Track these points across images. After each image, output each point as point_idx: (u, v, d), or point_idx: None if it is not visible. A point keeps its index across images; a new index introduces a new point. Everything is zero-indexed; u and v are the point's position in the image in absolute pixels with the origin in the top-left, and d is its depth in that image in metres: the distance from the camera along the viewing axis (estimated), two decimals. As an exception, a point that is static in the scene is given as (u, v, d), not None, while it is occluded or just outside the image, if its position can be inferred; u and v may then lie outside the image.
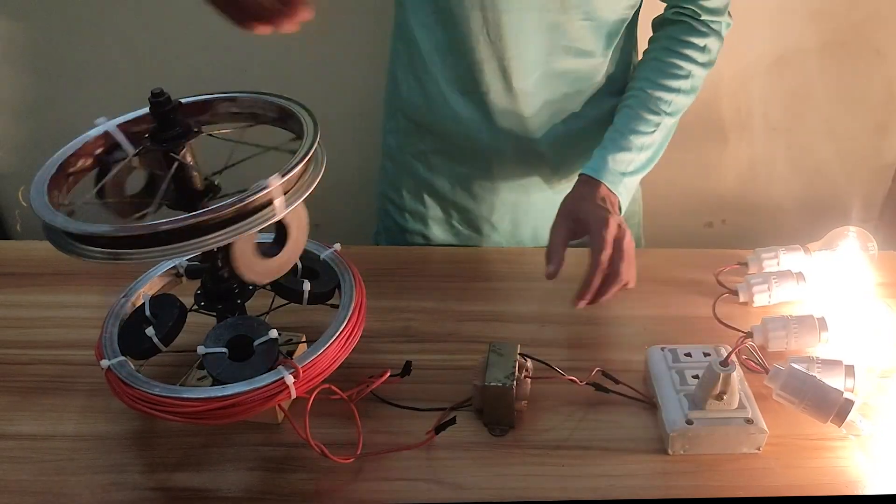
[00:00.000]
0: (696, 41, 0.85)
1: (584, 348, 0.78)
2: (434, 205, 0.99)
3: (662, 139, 0.86)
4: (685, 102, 0.87)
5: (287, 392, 0.58)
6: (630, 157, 0.83)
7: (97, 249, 0.52)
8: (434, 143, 0.95)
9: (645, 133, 0.84)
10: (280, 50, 1.36)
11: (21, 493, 0.61)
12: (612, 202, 0.80)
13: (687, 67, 0.85)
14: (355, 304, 0.66)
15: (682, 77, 0.85)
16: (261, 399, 0.57)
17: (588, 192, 0.80)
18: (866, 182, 1.56)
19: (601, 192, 0.80)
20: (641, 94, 0.85)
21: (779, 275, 0.83)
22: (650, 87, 0.85)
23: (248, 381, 0.57)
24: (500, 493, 0.61)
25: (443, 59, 0.87)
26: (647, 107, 0.84)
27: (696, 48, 0.85)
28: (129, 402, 0.59)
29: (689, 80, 0.85)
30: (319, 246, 0.74)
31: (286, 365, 0.58)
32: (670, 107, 0.85)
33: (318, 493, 0.61)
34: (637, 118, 0.84)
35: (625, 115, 0.85)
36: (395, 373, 0.67)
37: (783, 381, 0.66)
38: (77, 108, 1.42)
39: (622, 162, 0.82)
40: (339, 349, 0.62)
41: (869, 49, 1.38)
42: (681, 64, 0.85)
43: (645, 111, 0.84)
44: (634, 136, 0.83)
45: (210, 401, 0.57)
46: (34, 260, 0.91)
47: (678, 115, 0.87)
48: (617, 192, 0.81)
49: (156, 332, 0.62)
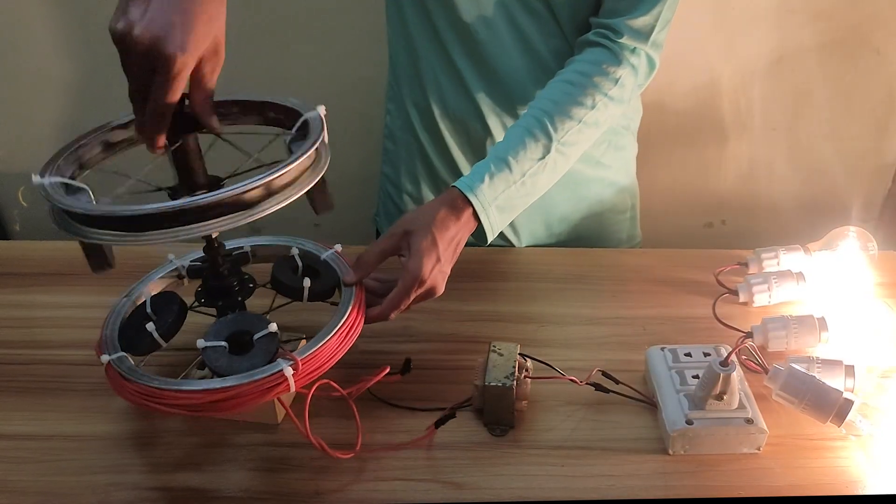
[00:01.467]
0: (610, 69, 0.78)
1: (584, 348, 0.78)
2: (431, 188, 1.00)
3: (549, 176, 0.78)
4: (584, 137, 0.78)
5: (286, 384, 0.57)
6: (510, 179, 0.74)
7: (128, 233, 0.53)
8: (431, 129, 0.95)
9: (532, 159, 0.75)
10: (280, 49, 1.36)
11: (21, 493, 0.61)
12: (462, 237, 0.73)
13: (595, 97, 0.77)
14: (355, 301, 0.66)
15: (587, 107, 0.77)
16: (260, 391, 0.57)
17: (444, 218, 0.71)
18: (866, 182, 1.56)
19: (461, 219, 0.72)
20: (539, 114, 0.77)
21: (779, 275, 0.83)
22: (551, 108, 0.77)
23: (247, 374, 0.57)
24: (500, 493, 0.61)
25: (435, 48, 0.87)
26: (542, 131, 0.76)
27: (608, 77, 0.78)
28: (129, 396, 0.59)
29: (594, 113, 0.77)
30: (319, 247, 0.74)
31: (285, 357, 0.58)
32: (566, 136, 0.76)
33: (318, 493, 0.61)
34: (528, 140, 0.75)
35: (515, 134, 0.77)
36: (395, 370, 0.67)
37: (783, 381, 0.66)
38: (77, 108, 1.42)
39: (499, 185, 0.74)
40: (339, 343, 0.62)
41: (869, 49, 1.39)
42: (589, 91, 0.77)
43: (538, 134, 0.76)
44: (519, 160, 0.75)
45: (209, 392, 0.57)
46: (34, 260, 0.91)
47: (572, 148, 0.78)
48: (482, 219, 0.73)
49: (156, 327, 0.62)
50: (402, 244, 0.70)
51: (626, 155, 1.01)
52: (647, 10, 0.78)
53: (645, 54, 0.80)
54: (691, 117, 1.45)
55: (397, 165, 1.02)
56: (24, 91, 1.43)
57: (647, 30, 0.79)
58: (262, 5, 1.31)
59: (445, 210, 0.72)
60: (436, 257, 0.69)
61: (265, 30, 1.34)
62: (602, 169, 0.97)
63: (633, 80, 0.80)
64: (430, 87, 0.91)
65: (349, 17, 1.33)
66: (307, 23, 1.33)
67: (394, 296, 0.69)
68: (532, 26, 0.83)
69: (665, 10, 0.78)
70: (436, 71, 0.89)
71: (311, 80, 1.35)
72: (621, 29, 0.78)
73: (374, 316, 0.69)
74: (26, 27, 1.34)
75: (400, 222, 0.72)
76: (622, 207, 1.03)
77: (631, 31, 0.78)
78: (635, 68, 0.80)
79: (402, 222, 0.72)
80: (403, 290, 0.68)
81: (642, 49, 0.79)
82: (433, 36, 0.87)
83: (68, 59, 1.36)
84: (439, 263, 0.70)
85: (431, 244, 0.69)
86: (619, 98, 0.79)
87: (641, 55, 0.80)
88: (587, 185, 0.97)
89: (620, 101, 0.80)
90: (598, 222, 1.01)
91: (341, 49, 1.36)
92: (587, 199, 0.98)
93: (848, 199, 1.57)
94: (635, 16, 0.78)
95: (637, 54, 0.79)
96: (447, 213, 0.72)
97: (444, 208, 0.72)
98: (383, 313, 0.69)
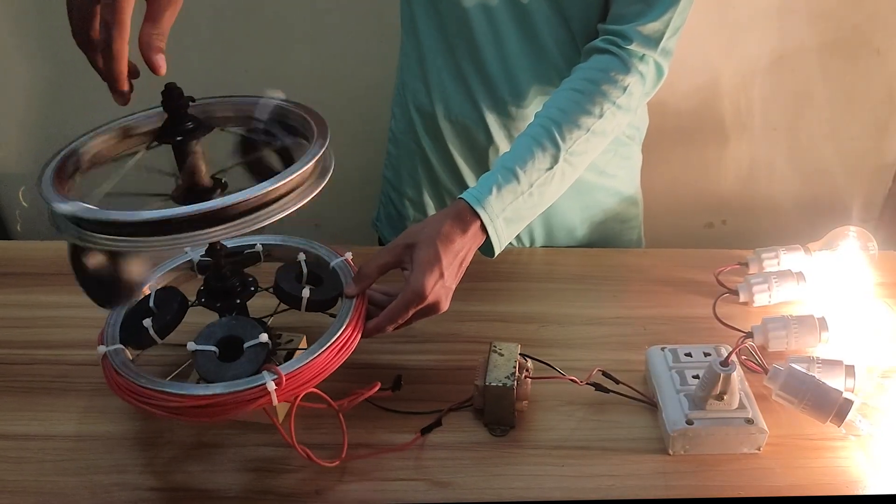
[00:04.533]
0: (618, 77, 0.76)
1: (584, 348, 0.78)
2: (432, 194, 1.00)
3: (557, 186, 0.76)
4: (592, 146, 0.77)
5: (268, 397, 0.57)
6: (517, 190, 0.72)
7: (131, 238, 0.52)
8: (433, 134, 0.95)
9: (540, 169, 0.73)
10: (280, 49, 1.36)
11: (21, 493, 0.61)
12: (468, 252, 0.70)
13: (602, 106, 0.76)
14: (353, 316, 0.65)
15: (595, 115, 0.75)
16: (241, 402, 0.57)
17: (449, 231, 0.69)
18: (866, 182, 1.56)
19: (468, 233, 0.69)
20: (547, 123, 0.75)
21: (779, 275, 0.83)
22: (558, 117, 0.75)
23: (229, 383, 0.57)
24: (500, 493, 0.61)
25: (442, 50, 0.87)
26: (549, 140, 0.74)
27: (616, 85, 0.76)
28: (117, 391, 0.59)
29: (601, 122, 0.76)
30: (331, 253, 0.73)
31: (270, 370, 0.58)
32: (574, 145, 0.74)
33: (318, 493, 0.61)
34: (535, 150, 0.74)
35: (523, 143, 0.75)
36: (386, 387, 0.66)
37: (782, 382, 0.66)
38: (78, 108, 1.42)
39: (507, 197, 0.72)
40: (329, 360, 0.61)
41: (869, 49, 1.39)
42: (597, 100, 0.76)
43: (546, 144, 0.74)
44: (527, 171, 0.73)
45: (190, 398, 0.56)
46: (34, 260, 0.91)
47: (580, 157, 0.76)
48: (490, 232, 0.71)
49: (153, 323, 0.62)
50: (404, 257, 0.68)
51: (632, 164, 1.00)
52: (657, 16, 0.76)
53: (654, 62, 0.78)
54: (691, 117, 1.45)
55: (399, 170, 1.02)
56: (25, 91, 1.43)
57: (656, 36, 0.77)
58: (268, 6, 1.31)
59: (451, 223, 0.69)
60: (438, 273, 0.67)
61: (268, 30, 1.34)
62: (607, 178, 0.96)
63: (640, 89, 0.79)
64: (434, 92, 0.91)
65: (356, 20, 1.33)
66: (313, 24, 1.33)
67: (391, 309, 0.67)
68: (544, 33, 0.82)
69: (675, 16, 0.76)
70: (441, 75, 0.89)
71: (315, 82, 1.35)
72: (630, 35, 0.76)
73: (370, 329, 0.67)
74: (27, 26, 1.35)
75: (404, 234, 0.70)
76: (627, 217, 1.02)
77: (640, 38, 0.76)
78: (643, 76, 0.78)
79: (406, 234, 0.70)
80: (402, 304, 0.66)
81: (651, 56, 0.78)
82: (441, 38, 0.87)
83: (67, 59, 1.36)
84: (442, 279, 0.67)
85: (434, 258, 0.67)
86: (626, 107, 0.78)
87: (650, 63, 0.78)
88: (591, 194, 0.96)
89: (628, 109, 0.78)
90: (601, 232, 1.00)
91: (347, 51, 1.36)
92: (591, 209, 0.98)
93: (848, 199, 1.57)
94: (645, 22, 0.76)
95: (646, 62, 0.77)
96: (452, 226, 0.69)
97: (450, 221, 0.69)
98: (379, 325, 0.67)
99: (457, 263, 0.69)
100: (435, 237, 0.68)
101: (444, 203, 0.99)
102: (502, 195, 0.71)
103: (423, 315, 0.69)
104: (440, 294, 0.67)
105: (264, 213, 0.54)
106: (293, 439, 0.59)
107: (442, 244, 0.68)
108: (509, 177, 0.72)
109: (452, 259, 0.68)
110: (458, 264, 0.69)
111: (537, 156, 0.73)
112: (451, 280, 0.69)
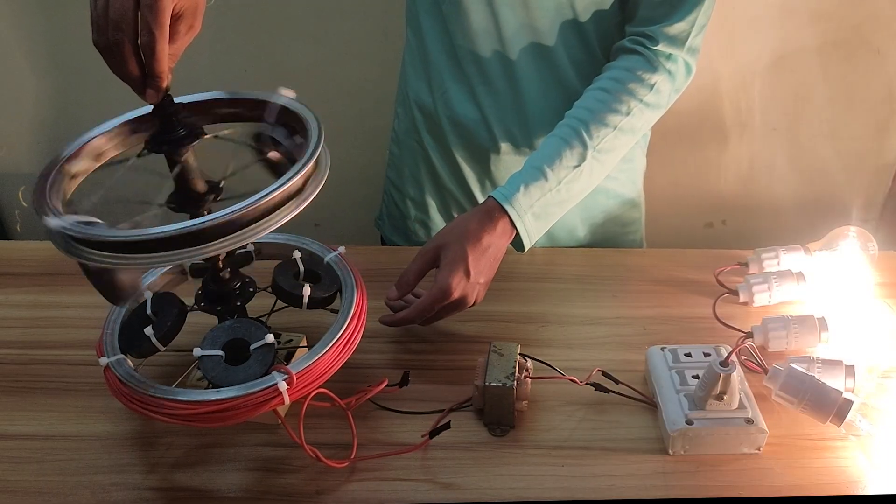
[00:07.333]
0: (645, 76, 0.78)
1: (584, 348, 0.78)
2: (435, 194, 1.00)
3: (586, 183, 0.79)
4: (620, 143, 0.79)
5: (280, 398, 0.57)
6: (545, 187, 0.75)
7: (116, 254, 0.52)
8: (435, 133, 0.95)
9: (567, 167, 0.76)
10: (281, 49, 1.36)
11: (21, 493, 0.61)
12: (498, 249, 0.74)
13: (630, 104, 0.78)
14: (355, 311, 0.65)
15: (622, 113, 0.78)
16: (254, 404, 0.57)
17: (477, 229, 0.73)
18: (866, 182, 1.56)
19: (497, 229, 0.73)
20: (574, 122, 0.78)
21: (779, 275, 0.83)
22: (586, 117, 0.78)
23: (241, 386, 0.57)
24: (500, 493, 0.61)
25: (446, 50, 0.87)
26: (577, 139, 0.77)
27: (643, 83, 0.78)
28: (125, 402, 0.59)
29: (629, 119, 0.78)
30: (324, 248, 0.73)
31: (280, 371, 0.58)
32: (602, 143, 0.77)
33: (318, 493, 0.61)
34: (563, 149, 0.76)
35: (551, 143, 0.78)
36: (394, 382, 0.67)
37: (782, 382, 0.66)
38: (78, 108, 1.42)
39: (534, 193, 0.75)
40: (336, 356, 0.61)
41: (869, 49, 1.39)
42: (624, 98, 0.78)
43: (574, 143, 0.77)
44: (555, 169, 0.76)
45: (203, 404, 0.56)
46: (34, 260, 0.91)
47: (608, 155, 0.79)
48: (518, 227, 0.75)
49: (154, 331, 0.62)
50: (435, 258, 0.73)
51: (634, 167, 1.00)
52: (682, 17, 0.78)
53: (682, 60, 0.80)
54: (691, 117, 1.45)
55: (401, 170, 1.02)
56: (25, 91, 1.43)
57: (683, 36, 0.79)
58: (270, 5, 1.31)
59: (479, 221, 0.73)
60: (463, 270, 0.71)
61: (270, 30, 1.34)
62: (608, 180, 0.95)
63: (669, 86, 0.80)
64: (436, 92, 0.91)
65: (358, 19, 1.33)
66: (316, 24, 1.33)
67: (418, 304, 0.71)
68: (546, 34, 0.82)
69: (700, 15, 0.78)
70: (444, 76, 0.89)
71: (318, 81, 1.36)
72: (657, 36, 0.78)
73: (397, 319, 0.72)
74: (28, 26, 1.35)
75: (435, 236, 0.74)
76: (627, 220, 1.02)
77: (667, 39, 0.78)
78: (672, 74, 0.80)
79: (437, 236, 0.74)
80: (429, 301, 0.70)
81: (679, 55, 0.79)
82: (444, 39, 0.87)
83: (67, 59, 1.36)
84: (468, 275, 0.71)
85: (460, 257, 0.71)
86: (655, 104, 0.80)
87: (679, 61, 0.80)
88: (592, 196, 0.95)
89: (657, 106, 0.80)
90: (602, 234, 1.00)
91: (349, 51, 1.36)
92: (592, 211, 0.98)
93: (848, 199, 1.57)
94: (671, 23, 0.78)
95: (674, 60, 0.79)
96: (481, 224, 0.73)
97: (478, 219, 0.74)
98: (406, 318, 0.72)
99: (486, 260, 0.73)
100: (463, 236, 0.72)
101: (446, 203, 1.00)
102: (530, 192, 0.75)
103: (451, 310, 0.73)
104: (466, 290, 0.71)
105: (250, 231, 0.53)
106: (302, 440, 0.59)
107: (469, 242, 0.72)
108: (537, 175, 0.76)
109: (480, 256, 0.72)
110: (488, 260, 0.73)
111: (565, 154, 0.76)
112: (481, 276, 0.72)
